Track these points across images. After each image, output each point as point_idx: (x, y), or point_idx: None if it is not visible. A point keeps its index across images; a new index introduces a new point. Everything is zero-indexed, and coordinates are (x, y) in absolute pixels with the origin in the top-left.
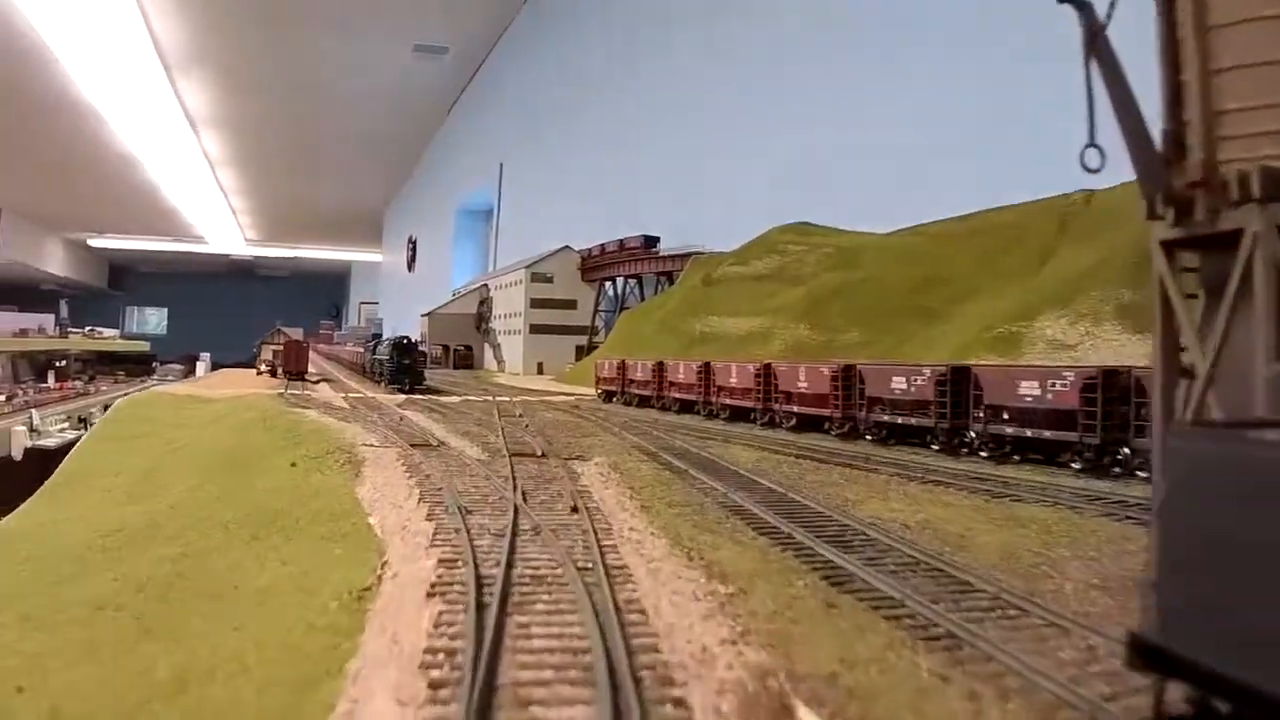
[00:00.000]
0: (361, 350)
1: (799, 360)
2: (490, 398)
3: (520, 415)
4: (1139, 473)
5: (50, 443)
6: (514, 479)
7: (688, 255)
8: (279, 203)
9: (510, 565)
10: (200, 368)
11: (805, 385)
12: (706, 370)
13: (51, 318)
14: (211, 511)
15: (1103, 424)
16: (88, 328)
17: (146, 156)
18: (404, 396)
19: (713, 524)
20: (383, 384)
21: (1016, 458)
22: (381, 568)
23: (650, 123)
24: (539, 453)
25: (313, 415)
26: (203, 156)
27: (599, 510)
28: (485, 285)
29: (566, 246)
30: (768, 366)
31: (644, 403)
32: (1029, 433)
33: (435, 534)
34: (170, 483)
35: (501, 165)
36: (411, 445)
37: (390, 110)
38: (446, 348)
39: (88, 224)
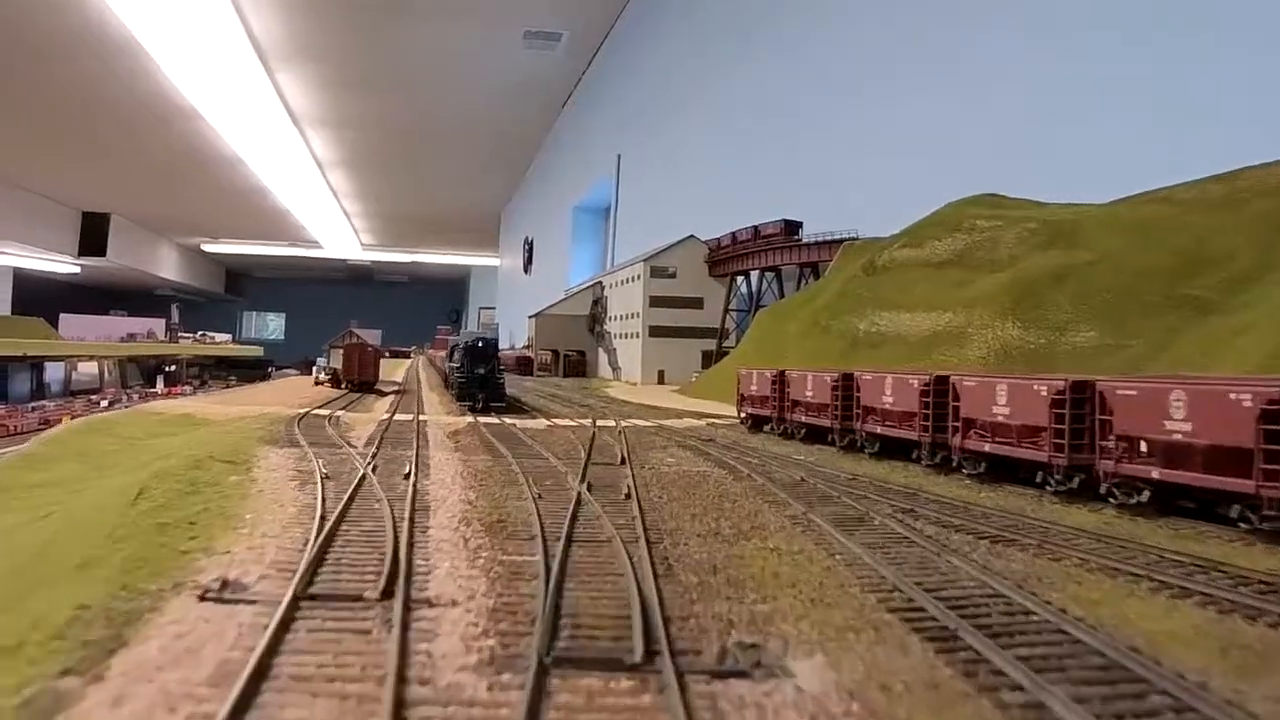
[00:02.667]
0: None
1: (1164, 377)
2: (590, 421)
3: (622, 463)
4: None
5: None
6: None
7: (838, 242)
8: (393, 206)
9: None
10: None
11: (1185, 427)
12: (941, 390)
13: (163, 322)
14: None
15: None
16: (199, 332)
17: (252, 159)
18: (470, 419)
19: None
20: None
21: None
22: None
23: (787, 94)
24: (638, 649)
25: (265, 468)
26: (310, 158)
27: None
28: (599, 284)
29: (691, 236)
30: (1088, 388)
31: (815, 435)
32: None
33: None
34: None
35: (619, 157)
36: (305, 599)
37: (503, 106)
38: (556, 353)
39: (198, 228)
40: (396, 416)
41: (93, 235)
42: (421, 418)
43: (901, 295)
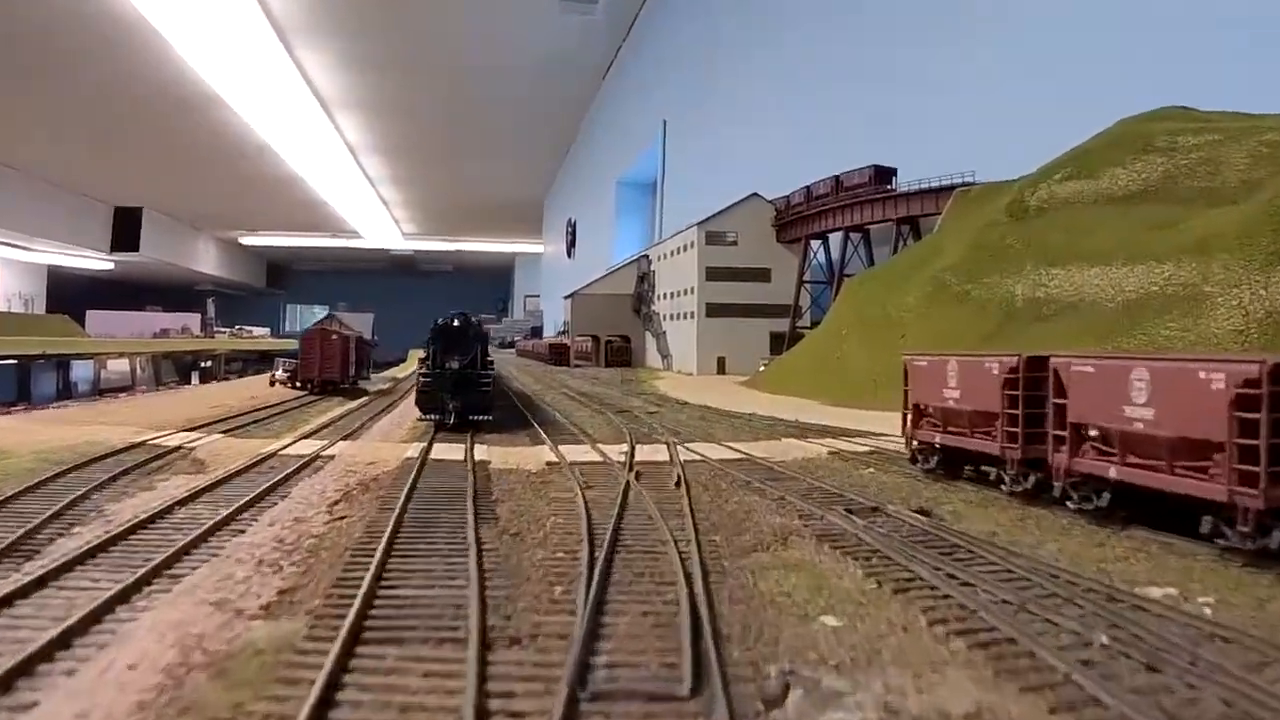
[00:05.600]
0: None
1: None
2: (624, 451)
3: (696, 688)
4: None
5: None
6: None
7: (948, 189)
8: (432, 193)
9: None
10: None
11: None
12: None
13: (198, 317)
14: None
15: None
16: (236, 326)
17: (282, 147)
18: (419, 448)
19: None
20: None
21: None
22: None
23: (858, 23)
24: None
25: None
26: (342, 143)
27: None
28: (645, 257)
29: (754, 195)
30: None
31: (1138, 505)
32: None
33: None
34: None
35: (664, 123)
36: None
37: (541, 80)
38: (596, 339)
39: (234, 221)
40: (297, 447)
41: (125, 230)
42: (338, 446)
43: (1077, 244)
